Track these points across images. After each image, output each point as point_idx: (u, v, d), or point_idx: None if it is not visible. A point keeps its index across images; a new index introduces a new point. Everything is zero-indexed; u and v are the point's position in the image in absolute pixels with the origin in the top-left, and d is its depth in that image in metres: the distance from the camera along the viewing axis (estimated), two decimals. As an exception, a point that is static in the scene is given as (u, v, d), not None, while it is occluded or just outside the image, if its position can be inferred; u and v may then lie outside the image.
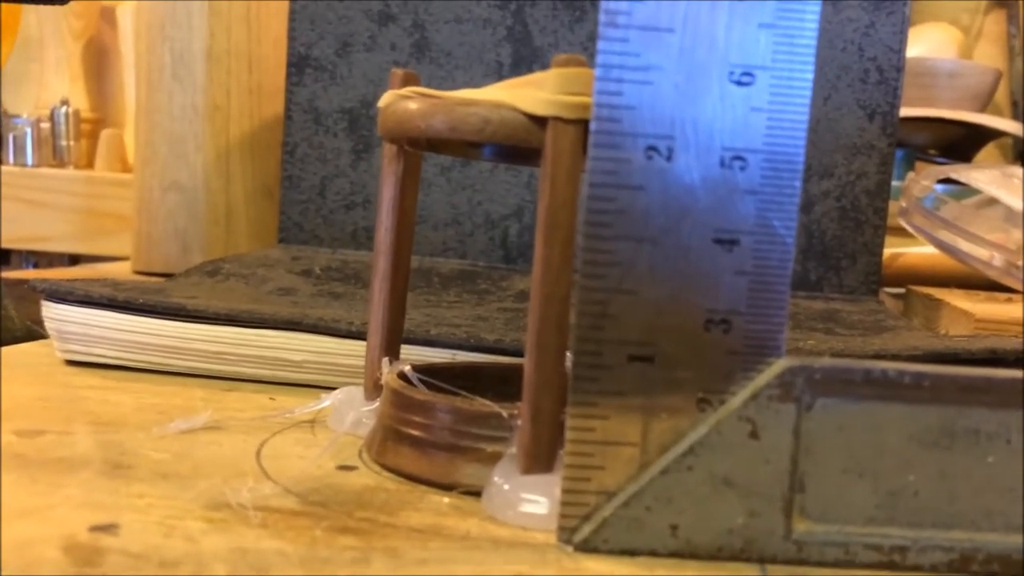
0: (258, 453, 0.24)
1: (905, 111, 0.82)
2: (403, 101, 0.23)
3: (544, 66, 0.54)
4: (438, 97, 0.23)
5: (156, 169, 0.67)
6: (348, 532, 0.19)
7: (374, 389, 0.26)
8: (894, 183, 0.59)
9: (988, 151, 0.91)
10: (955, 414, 0.19)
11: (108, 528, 0.18)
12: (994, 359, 0.29)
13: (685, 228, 0.18)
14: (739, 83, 0.18)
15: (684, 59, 0.18)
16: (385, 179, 0.26)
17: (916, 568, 0.19)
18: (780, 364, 0.19)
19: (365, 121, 0.56)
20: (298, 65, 0.57)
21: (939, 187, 0.58)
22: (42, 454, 0.22)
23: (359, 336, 0.32)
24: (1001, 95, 0.94)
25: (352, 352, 0.32)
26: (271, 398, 0.30)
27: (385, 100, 0.24)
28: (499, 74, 0.54)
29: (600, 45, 0.18)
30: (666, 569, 0.18)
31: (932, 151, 0.86)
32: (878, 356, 0.29)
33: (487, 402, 0.22)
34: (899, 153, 0.84)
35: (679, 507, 0.19)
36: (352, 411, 0.26)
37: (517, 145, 0.22)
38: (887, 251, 0.59)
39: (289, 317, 0.32)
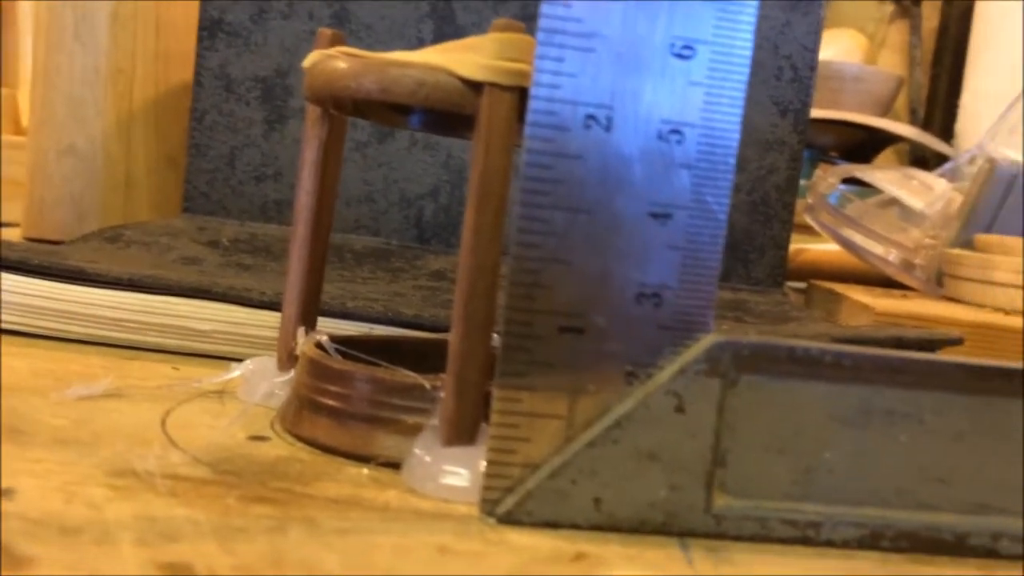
0: (163, 422, 0.23)
1: (811, 112, 0.85)
2: (332, 60, 0.22)
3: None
4: (369, 58, 0.22)
5: (52, 132, 0.63)
6: (263, 501, 0.18)
7: (288, 360, 0.26)
8: (800, 182, 0.61)
9: (886, 155, 0.94)
10: (872, 394, 0.19)
11: (5, 493, 0.17)
12: (899, 345, 0.30)
13: (620, 200, 0.18)
14: (680, 56, 0.18)
15: (627, 28, 0.18)
16: (308, 142, 0.25)
17: (829, 543, 0.19)
18: (708, 340, 0.19)
19: (279, 91, 0.54)
20: (210, 29, 0.55)
21: (843, 186, 0.60)
22: (-73, 417, 0.21)
23: (270, 306, 0.31)
24: (901, 102, 0.98)
25: (262, 323, 0.31)
26: (175, 368, 0.29)
27: (312, 59, 0.24)
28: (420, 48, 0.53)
29: (543, 8, 0.17)
30: (588, 542, 0.18)
31: (834, 153, 0.89)
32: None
33: (408, 372, 0.22)
34: (804, 154, 0.86)
35: (603, 480, 0.18)
36: (264, 382, 0.25)
37: (449, 112, 0.21)
38: (791, 247, 0.61)
39: (197, 284, 0.31)
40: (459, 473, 0.20)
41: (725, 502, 0.19)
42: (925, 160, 0.92)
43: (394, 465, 0.20)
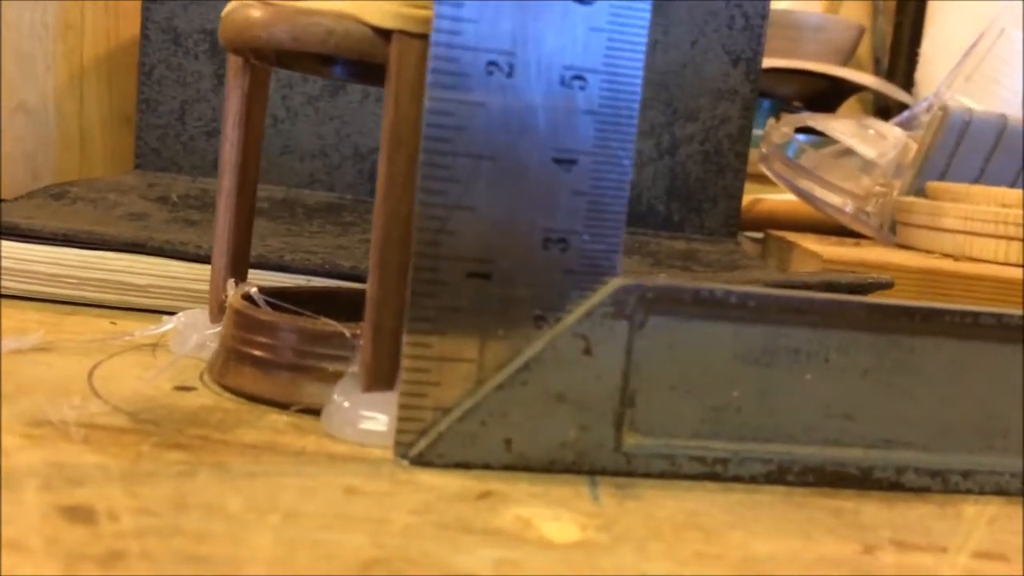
0: (90, 374, 0.23)
1: (771, 62, 0.84)
2: (244, 9, 0.22)
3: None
4: (281, 6, 0.22)
5: (2, 89, 0.62)
6: (177, 448, 0.18)
7: (219, 311, 0.26)
8: (756, 131, 0.61)
9: (849, 105, 0.94)
10: (777, 333, 0.20)
11: (-88, 443, 0.17)
12: (830, 289, 0.30)
13: (524, 146, 0.18)
14: (580, 1, 0.18)
15: (526, -27, 0.18)
16: (230, 92, 0.25)
17: (736, 479, 0.20)
18: (614, 283, 0.19)
19: (229, 45, 0.54)
20: (156, -19, 0.54)
21: (799, 136, 0.60)
22: None
23: (207, 260, 0.31)
24: (864, 51, 0.98)
25: (200, 276, 0.31)
26: (112, 322, 0.29)
27: (229, 8, 0.23)
28: None
29: (441, -46, 0.17)
30: (499, 481, 0.18)
31: (796, 103, 0.89)
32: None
33: (330, 321, 0.22)
34: (765, 103, 0.86)
35: (513, 422, 0.19)
36: (195, 334, 0.25)
37: (363, 60, 0.21)
38: (748, 197, 0.61)
39: (133, 239, 0.31)
40: (376, 418, 0.20)
41: (635, 441, 0.19)
42: (888, 109, 0.93)
43: (317, 412, 0.21)
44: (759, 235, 0.63)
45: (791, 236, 0.55)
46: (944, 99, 0.70)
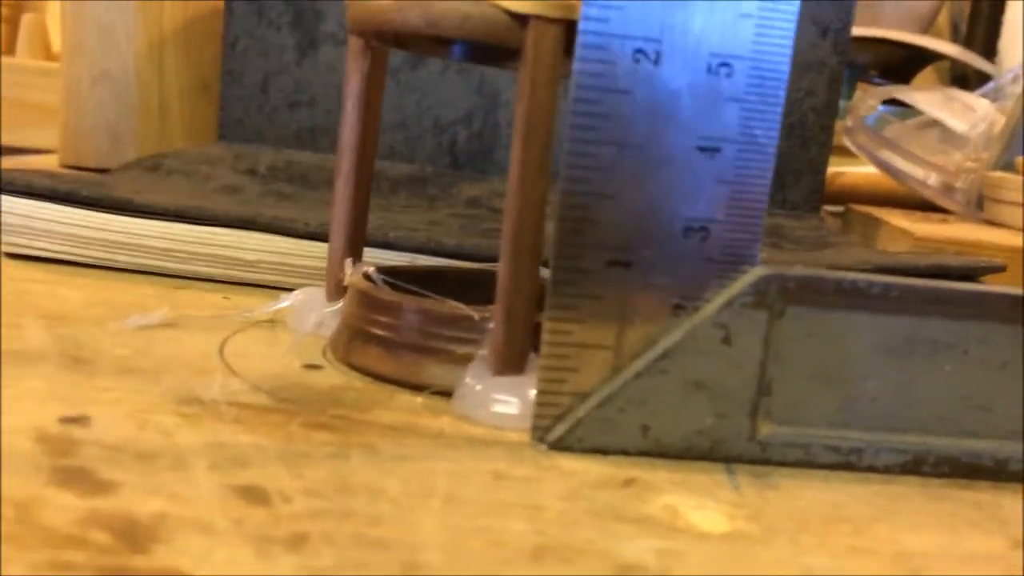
0: (221, 351, 0.23)
1: (855, 31, 0.83)
2: (376, -6, 0.22)
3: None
4: (413, -10, 0.22)
5: (84, 59, 0.63)
6: (323, 428, 0.19)
7: (336, 290, 0.26)
8: (839, 103, 0.60)
9: (927, 74, 0.92)
10: (918, 324, 0.19)
11: (79, 420, 0.17)
12: (942, 274, 0.30)
13: (669, 134, 0.18)
14: (731, -13, 0.18)
15: (678, -41, 0.17)
16: (350, 75, 0.25)
17: (871, 468, 0.20)
18: (755, 272, 0.19)
19: (310, 15, 0.54)
20: (240, -46, 0.54)
21: (883, 107, 0.59)
22: (-5, 347, 0.22)
23: (315, 237, 0.31)
24: (943, 18, 0.95)
25: (307, 253, 0.31)
26: (225, 297, 0.30)
27: (355, -9, 0.23)
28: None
29: (594, -59, 0.17)
30: (637, 467, 0.18)
31: (873, 71, 0.87)
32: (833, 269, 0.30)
33: (457, 304, 0.22)
34: (844, 73, 0.85)
35: (651, 408, 0.19)
36: (314, 312, 0.26)
37: (494, 44, 0.21)
38: (830, 170, 0.60)
39: (242, 215, 0.31)
40: (509, 401, 0.20)
41: (770, 429, 0.19)
42: (966, 78, 0.90)
43: (445, 393, 0.21)
44: (839, 209, 0.62)
45: (876, 211, 0.54)
46: (1031, 70, 0.68)
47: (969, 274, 0.30)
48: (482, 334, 0.21)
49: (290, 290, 0.27)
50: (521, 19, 0.20)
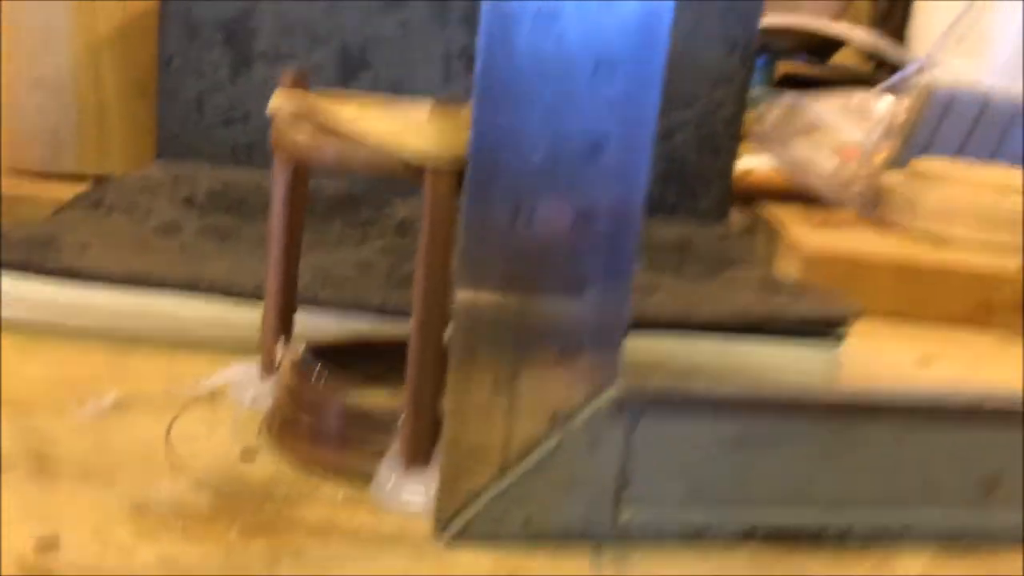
0: (167, 436, 0.27)
1: (771, 19, 0.86)
2: (295, 132, 0.25)
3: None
4: (327, 120, 0.25)
5: (21, 63, 0.64)
6: (258, 533, 0.22)
7: (269, 367, 0.30)
8: (755, 91, 0.64)
9: (845, 53, 0.96)
10: (750, 423, 0.24)
11: (51, 542, 0.21)
12: (805, 324, 0.34)
13: (542, 277, 0.22)
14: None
15: (543, 148, 0.21)
16: (277, 179, 0.28)
17: (713, 540, 0.24)
18: (615, 389, 0.23)
19: (243, 34, 0.56)
20: (171, -26, 0.55)
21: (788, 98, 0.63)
22: (-31, 450, 0.25)
23: (252, 297, 0.34)
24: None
25: (245, 315, 0.34)
26: (170, 363, 0.33)
27: (276, 107, 0.27)
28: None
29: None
30: (520, 556, 0.23)
31: (794, 53, 0.90)
32: (708, 325, 0.34)
33: (373, 402, 0.26)
34: (762, 58, 0.88)
35: (532, 503, 0.23)
36: (251, 389, 0.29)
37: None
38: (739, 167, 0.64)
39: (186, 279, 0.34)
40: (417, 493, 0.24)
41: (630, 514, 0.24)
42: (882, 58, 0.94)
43: (366, 474, 0.25)
44: (748, 207, 0.66)
45: (779, 214, 0.59)
46: (936, 60, 0.73)
47: (836, 323, 0.34)
48: (396, 428, 0.25)
49: (232, 349, 0.30)
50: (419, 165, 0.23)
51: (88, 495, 0.23)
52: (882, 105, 0.63)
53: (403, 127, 0.24)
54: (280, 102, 0.27)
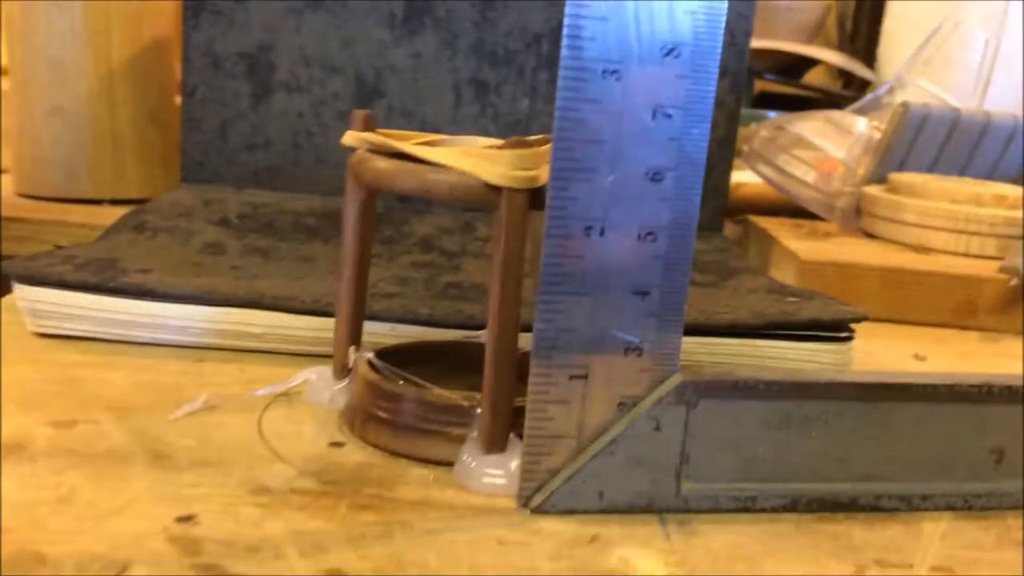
0: (260, 432, 0.30)
1: (752, 43, 0.91)
2: (375, 160, 0.28)
3: (434, 19, 0.58)
4: (404, 154, 0.28)
5: (36, 93, 0.67)
6: (366, 509, 0.25)
7: (342, 371, 0.32)
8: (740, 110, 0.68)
9: (816, 72, 1.01)
10: (791, 406, 0.27)
11: (190, 519, 0.24)
12: (816, 324, 0.38)
13: (612, 283, 0.25)
14: (653, 180, 0.25)
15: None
16: (349, 202, 0.31)
17: (762, 510, 0.27)
18: (676, 378, 0.26)
19: (263, 65, 0.59)
20: (195, 9, 0.58)
21: (772, 114, 0.67)
22: (88, 447, 0.27)
23: (311, 312, 0.37)
24: (831, 19, 1.04)
25: (304, 325, 0.37)
26: (240, 370, 0.36)
27: (351, 144, 0.30)
28: (391, 25, 0.58)
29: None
30: (597, 524, 0.26)
31: (769, 73, 0.95)
32: (731, 329, 0.38)
33: (447, 392, 0.29)
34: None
35: (604, 480, 0.26)
36: (327, 389, 0.32)
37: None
38: (732, 180, 0.68)
39: (249, 296, 0.37)
40: (498, 475, 0.27)
41: (689, 487, 0.27)
42: (850, 76, 0.99)
43: (447, 462, 0.28)
44: (740, 218, 0.70)
45: (770, 227, 0.63)
46: (904, 81, 0.77)
47: (841, 325, 0.38)
48: (469, 417, 0.28)
49: (292, 355, 0.33)
50: (495, 188, 0.27)
51: (209, 481, 0.26)
52: (861, 123, 0.67)
53: (478, 156, 0.27)
54: (356, 138, 0.30)
